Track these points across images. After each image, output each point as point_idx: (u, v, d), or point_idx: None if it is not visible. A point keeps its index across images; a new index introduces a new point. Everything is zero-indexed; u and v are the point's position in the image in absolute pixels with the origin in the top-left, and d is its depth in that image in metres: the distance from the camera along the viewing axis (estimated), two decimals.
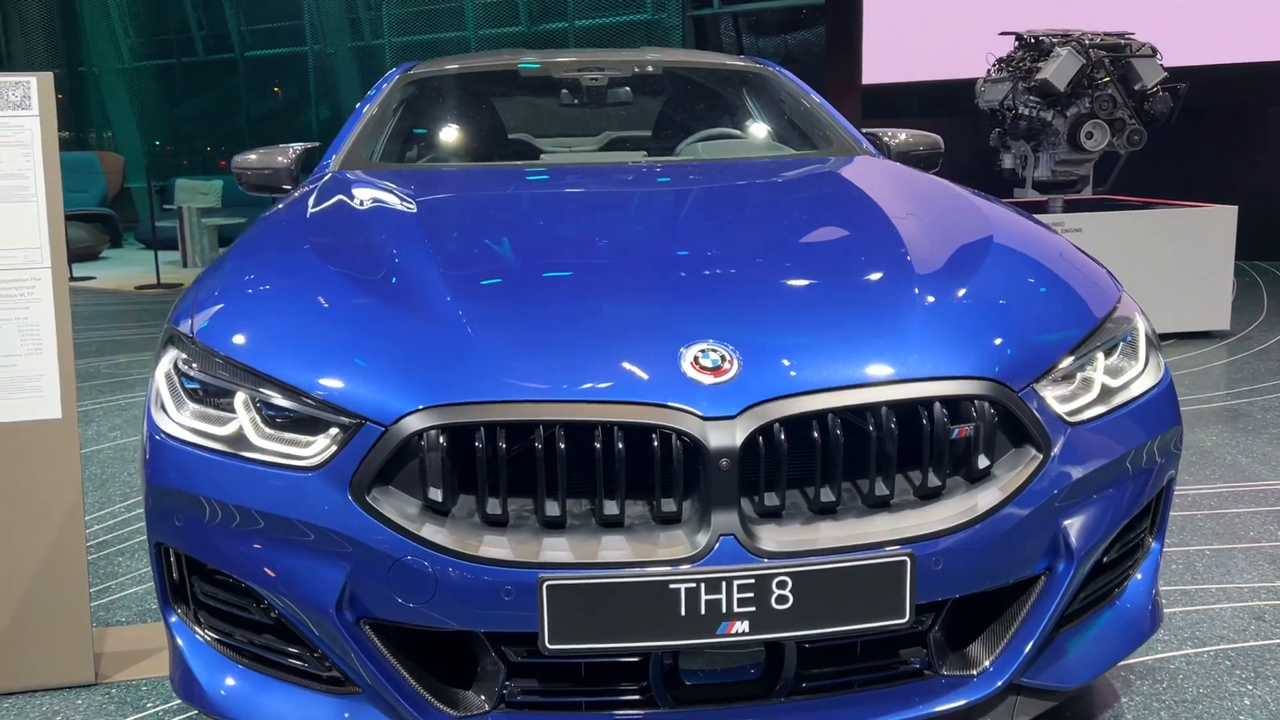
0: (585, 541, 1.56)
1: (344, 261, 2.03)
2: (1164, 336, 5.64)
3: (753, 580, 1.54)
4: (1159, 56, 5.71)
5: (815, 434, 1.58)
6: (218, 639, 1.80)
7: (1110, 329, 1.91)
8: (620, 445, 1.55)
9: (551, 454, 1.55)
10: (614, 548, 1.56)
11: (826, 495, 1.60)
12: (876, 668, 1.72)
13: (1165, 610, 2.52)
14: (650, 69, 3.71)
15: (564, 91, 3.62)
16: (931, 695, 1.70)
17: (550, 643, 1.54)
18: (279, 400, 1.67)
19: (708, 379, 1.60)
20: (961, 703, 1.70)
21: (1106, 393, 1.83)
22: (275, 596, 1.67)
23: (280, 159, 3.10)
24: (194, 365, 1.77)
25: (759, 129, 3.57)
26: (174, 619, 1.83)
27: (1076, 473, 1.72)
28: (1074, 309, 1.92)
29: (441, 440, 1.57)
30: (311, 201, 2.52)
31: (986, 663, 1.73)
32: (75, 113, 16.27)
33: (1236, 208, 5.57)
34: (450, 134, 3.50)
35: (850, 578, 1.57)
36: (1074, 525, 1.73)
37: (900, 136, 3.29)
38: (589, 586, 1.53)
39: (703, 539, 1.54)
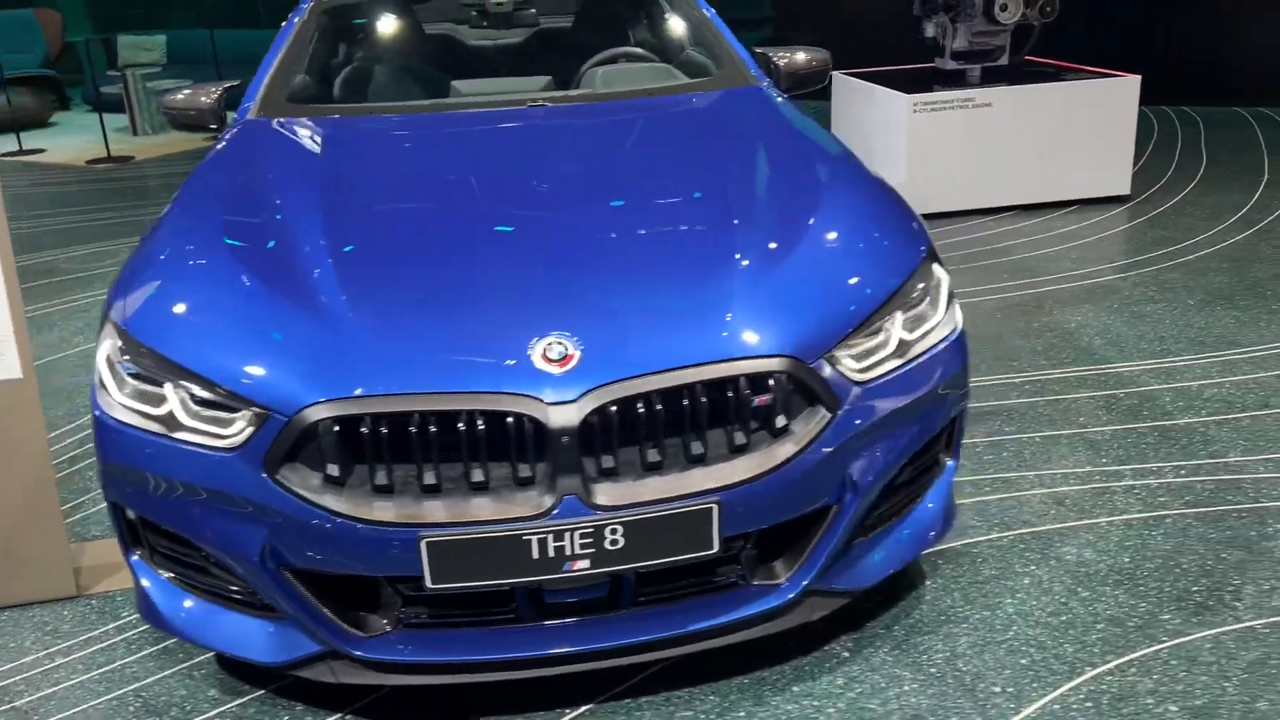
0: (457, 503, 1.97)
1: (252, 245, 2.36)
2: (1068, 203, 5.99)
3: (590, 529, 1.96)
4: None
5: (641, 409, 1.98)
6: (172, 576, 2.23)
7: (911, 288, 2.28)
8: (481, 426, 1.94)
9: (427, 433, 1.94)
10: (479, 508, 1.97)
11: (653, 456, 2.00)
12: (699, 583, 2.17)
13: (988, 497, 2.99)
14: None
15: (474, 14, 3.83)
16: (743, 601, 2.16)
17: (432, 584, 1.97)
18: (199, 391, 2.04)
19: (554, 369, 1.98)
20: (767, 607, 2.16)
21: (903, 347, 2.21)
22: (211, 549, 2.08)
23: (204, 99, 3.36)
24: (125, 355, 2.13)
25: (656, 53, 3.82)
26: (134, 558, 2.25)
27: (862, 424, 2.12)
28: (877, 276, 2.28)
29: (335, 427, 1.95)
30: (225, 164, 2.82)
31: (787, 575, 2.18)
32: None
33: (1139, 77, 5.82)
34: (361, 71, 3.72)
35: (668, 522, 1.99)
36: (859, 465, 2.15)
37: (790, 58, 3.55)
38: (459, 540, 1.95)
39: (549, 499, 1.96)
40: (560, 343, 2.01)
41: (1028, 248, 5.31)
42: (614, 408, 1.96)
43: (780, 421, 2.06)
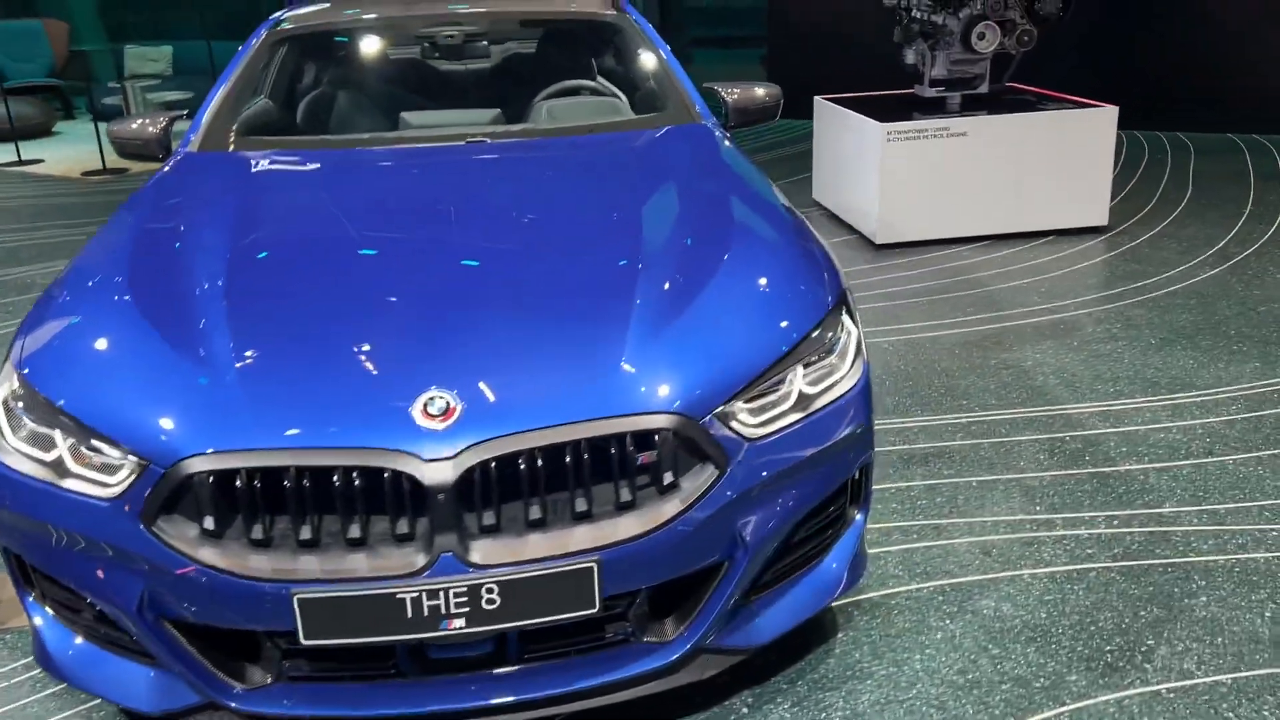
0: (332, 559, 1.96)
1: (150, 290, 2.37)
2: (1044, 234, 5.94)
3: (465, 588, 1.95)
4: None
5: (523, 465, 1.96)
6: (62, 619, 2.23)
7: (818, 340, 2.26)
8: (358, 482, 1.93)
9: (303, 488, 1.94)
10: (354, 564, 1.96)
11: (535, 513, 1.99)
12: (587, 640, 2.15)
13: (915, 545, 2.97)
14: (506, 22, 3.93)
15: (425, 46, 3.85)
16: (631, 659, 2.14)
17: (305, 639, 1.96)
18: (85, 439, 2.04)
19: (434, 425, 1.97)
20: (654, 665, 2.14)
21: (803, 400, 2.20)
22: (93, 598, 2.08)
23: (150, 129, 3.37)
24: (20, 402, 2.13)
25: (617, 84, 3.82)
26: (29, 599, 2.26)
27: (754, 480, 2.10)
28: (779, 328, 2.26)
29: (211, 479, 1.94)
30: (145, 201, 2.84)
31: (676, 633, 2.16)
32: None
33: (1117, 109, 5.78)
34: (317, 101, 3.75)
35: (548, 581, 1.98)
36: (751, 522, 2.13)
37: (737, 93, 3.56)
38: (332, 598, 1.94)
39: (423, 557, 1.94)
40: (442, 398, 2.00)
41: (997, 279, 5.27)
42: (493, 464, 1.94)
43: (668, 478, 2.04)
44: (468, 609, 1.95)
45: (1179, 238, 5.83)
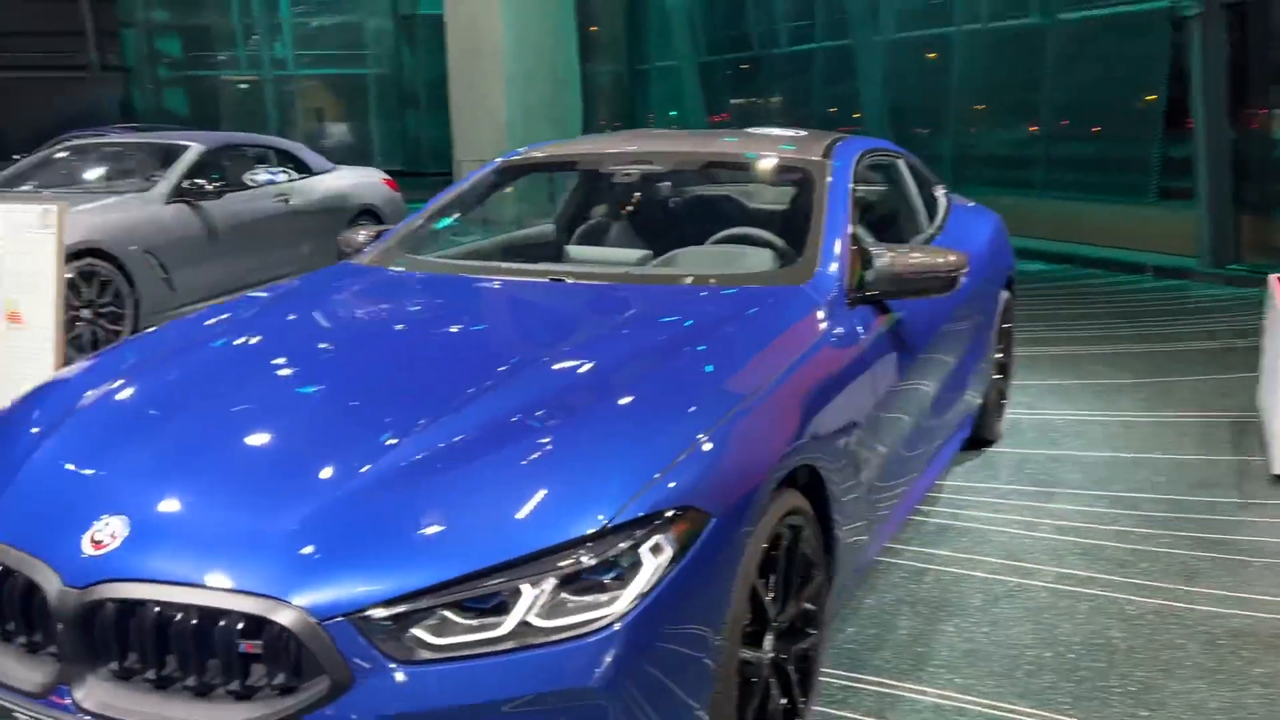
0: None
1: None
2: None
3: None
4: None
5: (149, 618, 1.78)
6: None
7: (579, 553, 1.83)
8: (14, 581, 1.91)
9: None
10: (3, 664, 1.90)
11: (151, 674, 1.80)
12: None
13: None
14: (696, 162, 3.90)
15: (612, 185, 4.04)
16: None
17: None
18: None
19: (89, 550, 1.87)
20: None
21: (523, 632, 1.77)
22: None
23: (362, 237, 3.69)
24: None
25: (763, 237, 3.56)
26: None
27: (396, 711, 1.71)
28: (510, 529, 1.86)
29: None
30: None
31: None
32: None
33: None
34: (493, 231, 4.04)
35: None
36: None
37: (889, 258, 3.00)
38: None
39: (42, 680, 1.85)
40: (112, 527, 1.90)
41: None
42: (112, 606, 1.81)
43: (279, 678, 1.76)
44: None
45: None
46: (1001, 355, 4.82)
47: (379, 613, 1.74)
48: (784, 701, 2.40)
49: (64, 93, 20.00)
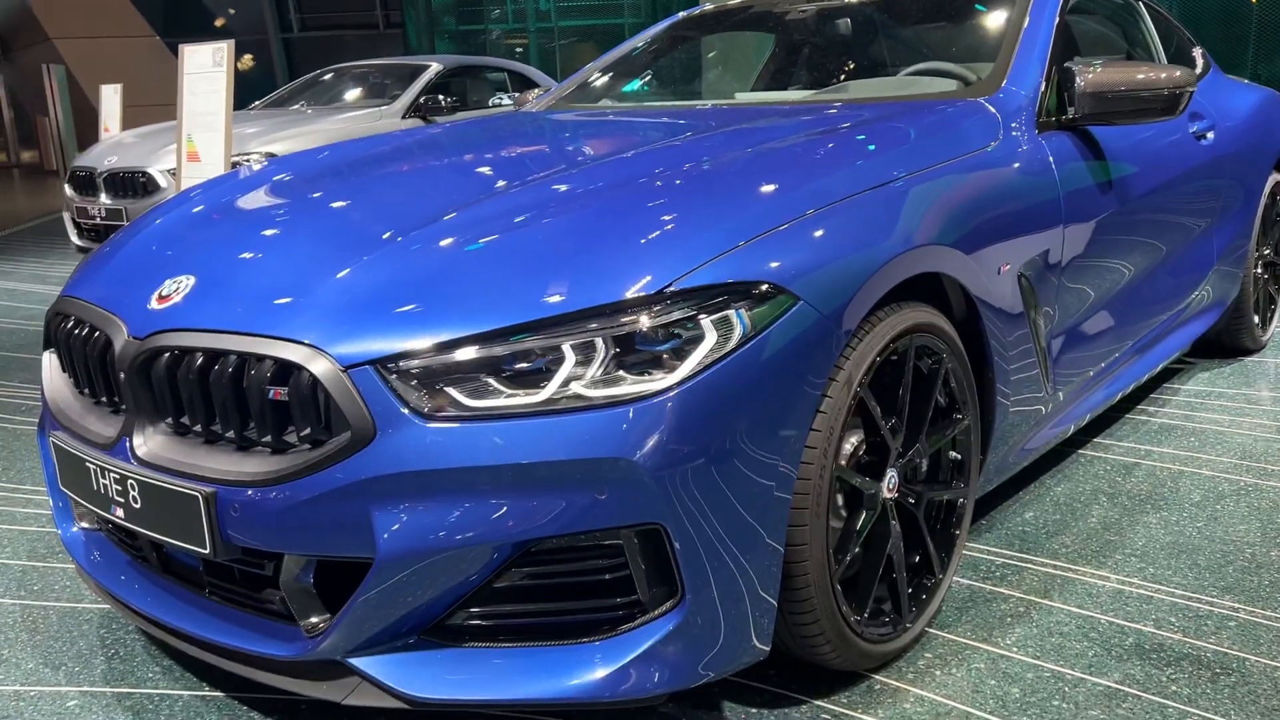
0: (76, 408, 2.00)
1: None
2: None
3: (118, 476, 1.81)
4: None
5: (195, 367, 1.73)
6: None
7: (627, 317, 1.61)
8: (96, 339, 1.93)
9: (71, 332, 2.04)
10: (86, 421, 1.94)
11: (193, 425, 1.76)
12: (253, 597, 1.85)
13: None
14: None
15: (785, 25, 3.72)
16: (260, 636, 1.78)
17: (60, 484, 2.03)
18: None
19: (154, 304, 1.85)
20: (275, 654, 1.75)
21: (564, 397, 1.57)
22: None
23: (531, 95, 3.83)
24: None
25: (948, 68, 3.05)
26: None
27: (419, 467, 1.56)
28: (555, 287, 1.65)
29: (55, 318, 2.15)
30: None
31: (318, 629, 1.71)
32: None
33: None
34: (665, 67, 3.80)
35: (170, 498, 1.73)
36: (412, 525, 1.58)
37: (1093, 73, 2.55)
38: (63, 449, 1.96)
39: (111, 432, 1.86)
40: (179, 284, 1.88)
41: None
42: (166, 356, 1.77)
43: (306, 430, 1.65)
44: (123, 501, 1.82)
45: None
46: (1271, 253, 4.10)
47: (408, 364, 1.59)
48: (913, 557, 2.08)
49: (354, 50, 21.63)
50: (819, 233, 1.82)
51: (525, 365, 1.60)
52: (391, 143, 2.90)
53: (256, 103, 8.47)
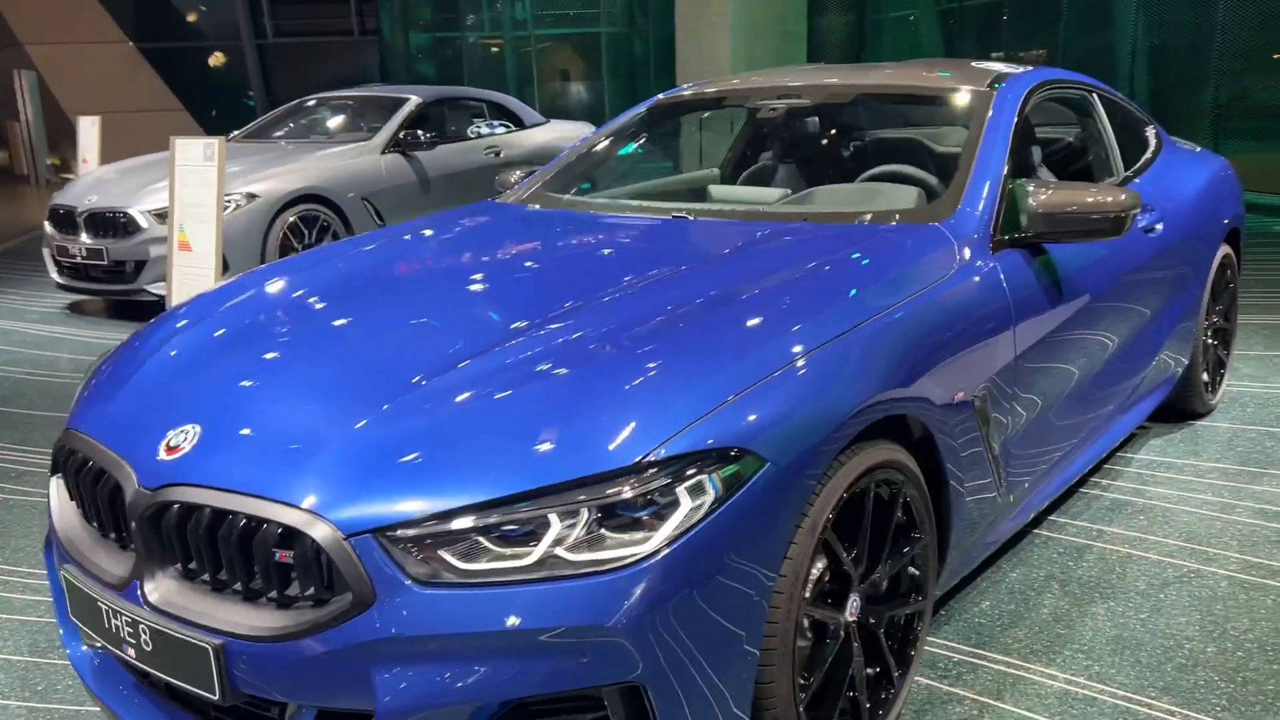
0: (90, 546, 2.09)
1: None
2: None
3: (130, 619, 1.93)
4: None
5: (204, 521, 1.85)
6: None
7: (611, 486, 1.74)
8: (105, 484, 2.05)
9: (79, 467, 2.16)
10: (94, 553, 2.07)
11: (206, 575, 1.88)
12: None
13: None
14: (849, 95, 3.62)
15: (767, 123, 3.79)
16: None
17: (71, 615, 2.15)
18: None
19: (162, 455, 1.97)
20: None
21: (550, 563, 1.71)
22: None
23: (513, 178, 3.83)
24: None
25: (916, 175, 3.30)
26: None
27: (418, 632, 1.70)
28: (541, 458, 1.79)
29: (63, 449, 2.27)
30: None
31: None
32: None
33: None
34: (630, 163, 3.93)
35: (181, 647, 1.86)
36: (412, 683, 1.72)
37: (1045, 195, 2.69)
38: (72, 584, 2.08)
39: (123, 571, 1.97)
40: (186, 434, 1.98)
41: None
42: (175, 509, 1.89)
43: (298, 589, 1.79)
44: (134, 643, 1.94)
45: None
46: (1219, 319, 4.28)
47: (405, 532, 1.73)
48: (872, 670, 2.23)
49: (329, 57, 21.58)
50: (785, 391, 1.97)
51: (514, 529, 1.74)
52: (383, 255, 2.99)
53: (236, 133, 8.50)
